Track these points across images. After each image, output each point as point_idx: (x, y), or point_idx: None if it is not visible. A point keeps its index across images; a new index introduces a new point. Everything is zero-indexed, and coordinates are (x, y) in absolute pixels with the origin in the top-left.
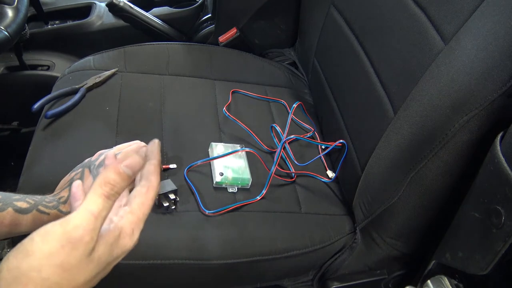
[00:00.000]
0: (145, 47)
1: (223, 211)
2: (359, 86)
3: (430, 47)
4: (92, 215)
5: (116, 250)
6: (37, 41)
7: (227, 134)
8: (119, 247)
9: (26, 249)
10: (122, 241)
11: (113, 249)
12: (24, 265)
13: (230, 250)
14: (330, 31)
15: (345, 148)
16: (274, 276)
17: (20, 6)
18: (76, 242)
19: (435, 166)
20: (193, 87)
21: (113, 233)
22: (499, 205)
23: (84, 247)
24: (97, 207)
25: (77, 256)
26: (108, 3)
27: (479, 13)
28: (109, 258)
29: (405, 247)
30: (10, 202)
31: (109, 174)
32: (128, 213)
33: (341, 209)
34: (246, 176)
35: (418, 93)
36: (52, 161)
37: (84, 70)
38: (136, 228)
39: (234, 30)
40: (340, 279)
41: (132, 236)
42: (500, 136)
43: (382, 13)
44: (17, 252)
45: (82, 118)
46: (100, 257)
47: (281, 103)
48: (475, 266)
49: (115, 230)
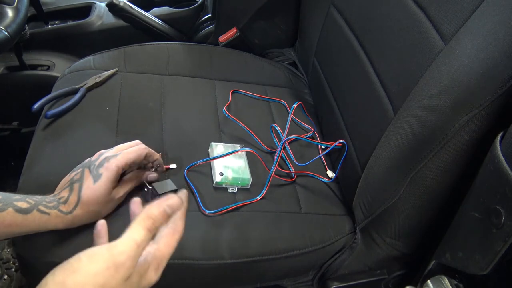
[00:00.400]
0: (145, 47)
1: (223, 211)
2: (359, 86)
3: (430, 47)
4: (136, 244)
5: (144, 282)
6: (37, 41)
7: (227, 134)
8: (146, 279)
9: (73, 267)
10: (149, 274)
11: (141, 280)
12: (70, 281)
13: (230, 250)
14: (330, 31)
15: (345, 148)
16: (274, 276)
17: (20, 6)
18: (119, 266)
19: (435, 166)
20: (193, 87)
21: (144, 266)
22: (499, 205)
23: (125, 272)
24: (140, 237)
25: (118, 279)
26: (108, 3)
27: (479, 13)
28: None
29: (405, 247)
30: (10, 202)
31: (153, 210)
32: (156, 250)
33: (341, 209)
34: (246, 176)
35: (418, 93)
36: (52, 161)
37: (84, 70)
38: (161, 265)
39: (234, 30)
40: (340, 279)
41: (157, 272)
42: (500, 136)
43: (382, 13)
44: (64, 268)
45: (82, 118)
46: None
47: (281, 103)
48: (475, 266)
49: (145, 264)
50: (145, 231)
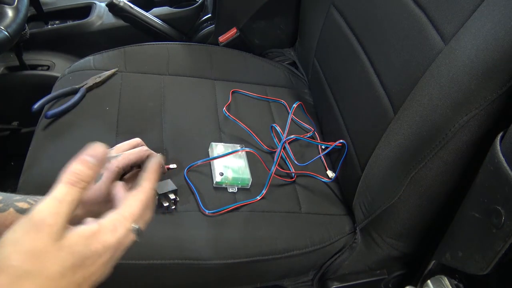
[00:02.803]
0: (145, 47)
1: (223, 211)
2: (359, 86)
3: (430, 47)
4: (56, 200)
5: (96, 245)
6: (37, 41)
7: (227, 134)
8: (99, 242)
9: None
10: (103, 236)
11: (90, 242)
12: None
13: (230, 250)
14: (330, 31)
15: (345, 148)
16: (274, 276)
17: (20, 6)
18: (39, 225)
19: (435, 166)
20: (193, 87)
21: (90, 227)
22: (499, 205)
23: (48, 230)
24: (61, 193)
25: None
26: (108, 3)
27: (479, 13)
28: (85, 250)
29: (405, 247)
30: (11, 202)
31: (73, 164)
32: (112, 213)
33: (341, 209)
34: (246, 176)
35: (418, 93)
36: (52, 161)
37: (84, 70)
38: (120, 226)
39: (234, 30)
40: (340, 279)
41: (114, 232)
42: (500, 136)
43: (382, 13)
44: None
45: (82, 118)
46: (72, 246)
47: (281, 103)
48: (475, 266)
49: (92, 225)
50: (66, 185)
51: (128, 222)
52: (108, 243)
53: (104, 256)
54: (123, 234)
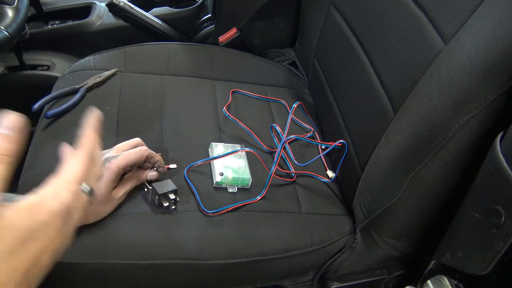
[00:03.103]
0: (145, 47)
1: (223, 211)
2: (359, 86)
3: (430, 47)
4: None
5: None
6: (37, 41)
7: (227, 134)
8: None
9: None
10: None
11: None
12: None
13: (230, 250)
14: (330, 31)
15: (345, 148)
16: (274, 276)
17: (20, 6)
18: None
19: (435, 166)
20: (193, 87)
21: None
22: (499, 205)
23: None
24: None
25: None
26: (108, 3)
27: (479, 13)
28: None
29: (405, 247)
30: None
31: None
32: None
33: (341, 209)
34: (246, 176)
35: (418, 93)
36: (52, 161)
37: (84, 70)
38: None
39: (234, 30)
40: (340, 279)
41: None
42: (500, 136)
43: (382, 13)
44: None
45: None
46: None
47: (281, 103)
48: (475, 266)
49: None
50: None
51: (73, 185)
52: (53, 210)
53: (53, 224)
54: (69, 197)
